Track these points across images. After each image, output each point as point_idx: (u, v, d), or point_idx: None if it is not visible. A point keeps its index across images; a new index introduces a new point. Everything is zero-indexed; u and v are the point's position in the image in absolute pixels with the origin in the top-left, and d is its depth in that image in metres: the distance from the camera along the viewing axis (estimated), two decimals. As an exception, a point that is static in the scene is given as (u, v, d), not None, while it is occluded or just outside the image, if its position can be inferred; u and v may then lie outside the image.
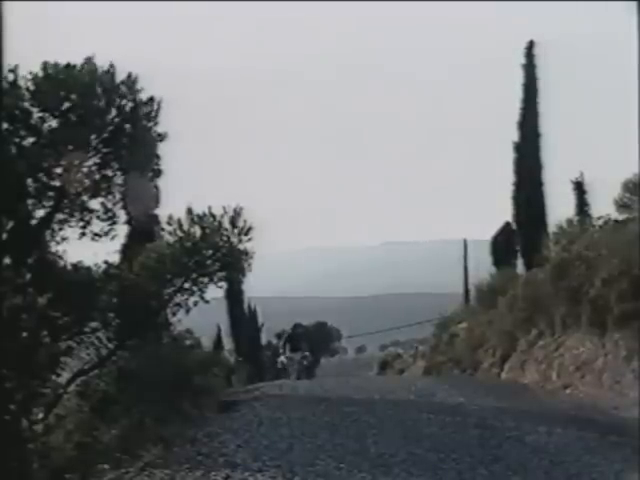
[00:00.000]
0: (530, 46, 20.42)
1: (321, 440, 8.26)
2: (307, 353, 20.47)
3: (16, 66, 9.44)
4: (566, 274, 13.83)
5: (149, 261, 10.53)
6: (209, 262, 10.81)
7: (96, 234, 10.47)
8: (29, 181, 9.83)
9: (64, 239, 10.39)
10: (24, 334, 7.42)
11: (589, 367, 12.71)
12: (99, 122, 9.91)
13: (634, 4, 8.37)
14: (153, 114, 10.31)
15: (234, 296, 33.39)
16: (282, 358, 20.39)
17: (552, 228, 18.23)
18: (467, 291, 25.73)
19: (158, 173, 10.82)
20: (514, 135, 20.39)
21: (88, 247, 10.54)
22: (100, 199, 10.39)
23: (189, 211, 10.83)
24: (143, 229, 11.81)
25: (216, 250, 10.77)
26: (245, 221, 10.85)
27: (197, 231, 10.75)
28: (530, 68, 20.33)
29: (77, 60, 9.82)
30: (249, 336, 35.13)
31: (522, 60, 20.39)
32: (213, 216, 10.77)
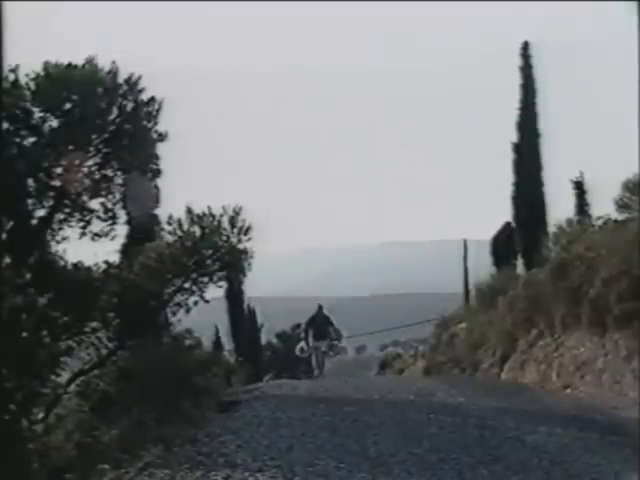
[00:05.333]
0: (525, 47, 20.42)
1: (321, 440, 8.26)
2: (335, 342, 18.16)
3: (17, 66, 9.45)
4: (566, 274, 13.83)
5: (149, 261, 10.55)
6: (209, 262, 10.82)
7: (96, 234, 10.49)
8: (29, 181, 9.83)
9: (64, 239, 10.41)
10: (24, 334, 7.42)
11: (589, 367, 12.71)
12: (100, 122, 9.92)
13: (634, 4, 8.39)
14: (154, 114, 10.32)
15: (234, 296, 33.39)
16: (302, 344, 18.38)
17: (552, 228, 18.24)
18: (467, 291, 25.67)
19: (158, 173, 10.83)
20: (513, 136, 20.40)
21: (88, 247, 10.56)
22: (100, 199, 10.40)
23: (189, 211, 10.84)
24: (143, 229, 11.83)
25: (216, 250, 10.78)
26: (244, 221, 10.87)
27: (197, 231, 10.77)
28: (526, 69, 20.33)
29: (78, 60, 9.84)
30: (249, 336, 35.12)
31: (519, 61, 20.40)
32: (213, 216, 10.79)
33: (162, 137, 10.57)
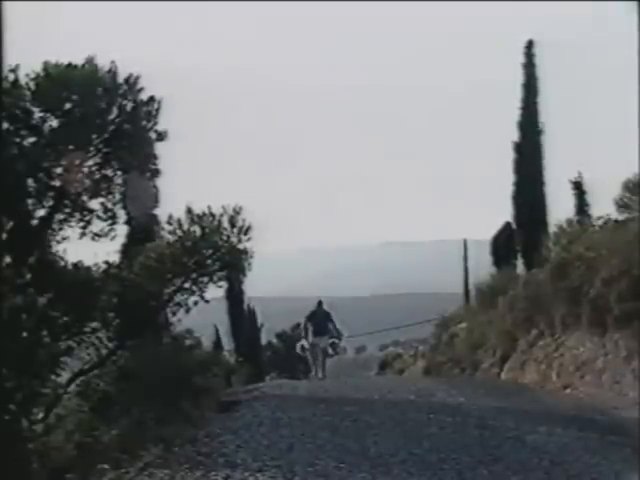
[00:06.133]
0: (529, 45, 20.42)
1: (321, 440, 8.26)
2: (335, 340, 17.37)
3: (17, 66, 9.44)
4: (566, 274, 13.83)
5: (149, 261, 10.54)
6: (209, 262, 10.81)
7: (96, 234, 10.48)
8: (29, 181, 9.83)
9: (64, 239, 10.40)
10: (24, 334, 7.42)
11: (589, 367, 12.71)
12: (100, 122, 9.92)
13: (634, 4, 8.38)
14: (153, 114, 10.32)
15: (234, 296, 33.38)
16: (303, 342, 17.57)
17: (552, 228, 18.24)
18: (467, 291, 25.68)
19: (157, 173, 10.83)
20: (514, 135, 20.40)
21: (88, 247, 10.55)
22: (100, 199, 10.40)
23: (189, 211, 10.83)
24: (143, 229, 11.82)
25: (216, 250, 10.78)
26: (244, 220, 10.86)
27: (197, 231, 10.76)
28: (530, 68, 20.33)
29: (78, 60, 9.83)
30: (249, 336, 35.11)
31: (522, 60, 20.40)
32: (213, 216, 10.78)
33: (161, 137, 10.57)
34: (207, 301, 11.25)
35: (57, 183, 9.90)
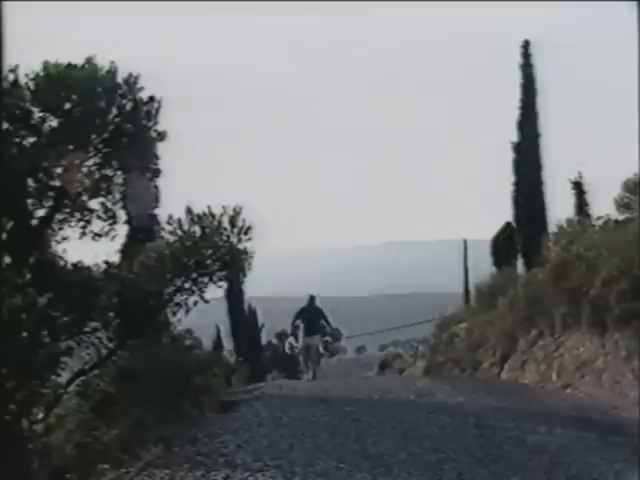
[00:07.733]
0: (526, 46, 20.43)
1: (321, 440, 8.26)
2: (329, 337, 16.72)
3: (16, 66, 9.44)
4: (566, 274, 13.83)
5: (149, 261, 10.52)
6: (209, 262, 10.80)
7: (96, 234, 10.47)
8: (29, 181, 9.82)
9: (64, 239, 10.40)
10: (24, 334, 7.42)
11: (589, 367, 12.71)
12: (100, 122, 9.90)
13: (634, 4, 8.39)
14: (153, 113, 10.31)
15: (234, 296, 33.43)
16: (291, 340, 16.98)
17: (552, 228, 18.26)
18: (467, 291, 25.69)
19: (158, 173, 10.82)
20: (514, 135, 20.41)
21: (88, 247, 10.55)
22: (100, 199, 10.39)
23: (189, 211, 10.82)
24: (143, 229, 11.81)
25: (216, 249, 10.76)
26: (244, 220, 10.85)
27: (197, 231, 10.74)
28: (527, 68, 20.35)
29: (78, 60, 9.82)
30: (249, 336, 35.14)
31: (519, 60, 20.41)
32: (213, 216, 10.76)
33: (162, 136, 10.56)
34: (207, 301, 11.24)
35: (57, 183, 9.89)
